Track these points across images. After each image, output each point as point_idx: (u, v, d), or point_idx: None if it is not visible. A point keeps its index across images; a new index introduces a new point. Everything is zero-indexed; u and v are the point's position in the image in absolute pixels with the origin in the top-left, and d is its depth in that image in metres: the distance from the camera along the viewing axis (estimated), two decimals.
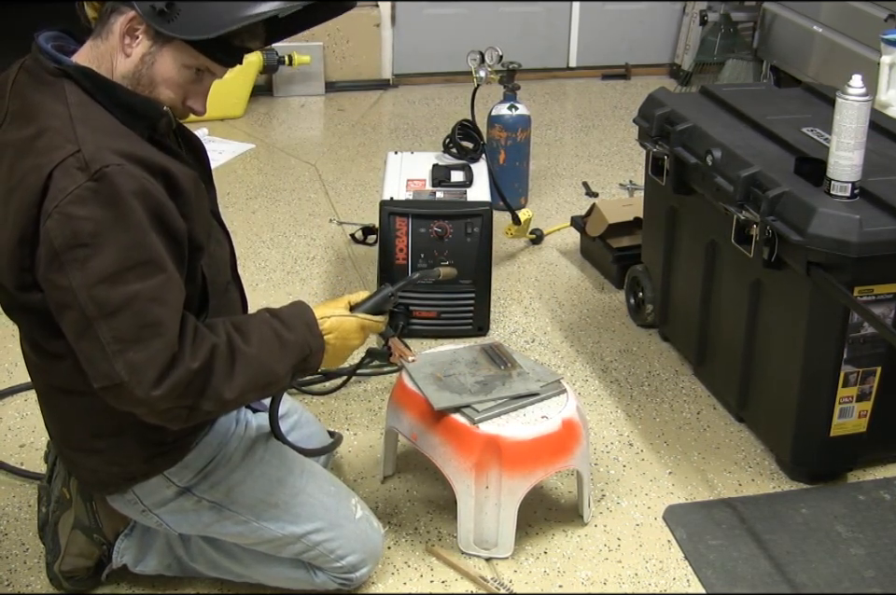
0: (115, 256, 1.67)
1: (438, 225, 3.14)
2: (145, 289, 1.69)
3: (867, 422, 2.61)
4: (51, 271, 1.69)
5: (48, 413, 2.07)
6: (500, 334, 3.32)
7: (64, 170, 1.66)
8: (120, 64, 1.78)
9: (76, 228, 1.65)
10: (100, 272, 1.66)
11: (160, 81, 1.79)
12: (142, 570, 2.25)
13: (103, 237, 1.66)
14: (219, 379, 1.75)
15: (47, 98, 1.75)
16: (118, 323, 1.68)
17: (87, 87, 1.76)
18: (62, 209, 1.65)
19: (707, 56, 5.53)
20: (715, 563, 2.40)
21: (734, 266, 2.76)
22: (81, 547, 2.24)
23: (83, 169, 1.65)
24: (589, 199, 4.25)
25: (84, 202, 1.65)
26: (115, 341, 1.68)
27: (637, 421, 2.92)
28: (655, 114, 3.00)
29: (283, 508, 2.10)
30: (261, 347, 1.82)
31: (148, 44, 1.76)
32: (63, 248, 1.66)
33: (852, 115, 2.36)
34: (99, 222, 1.65)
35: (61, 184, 1.65)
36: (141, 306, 1.68)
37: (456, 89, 5.46)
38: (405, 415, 2.44)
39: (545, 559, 2.42)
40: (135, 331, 1.68)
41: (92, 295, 1.67)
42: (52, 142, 1.69)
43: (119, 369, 1.68)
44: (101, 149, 1.68)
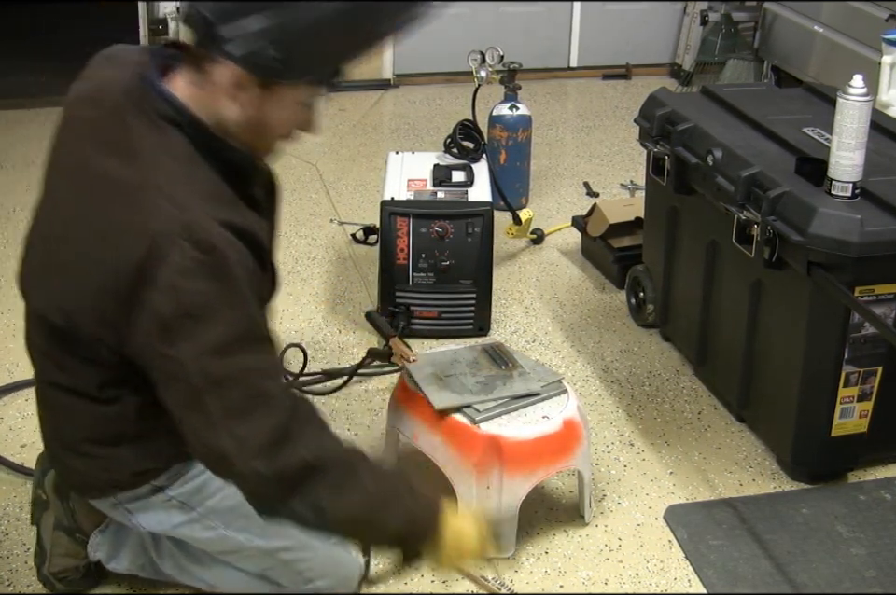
0: (224, 329, 1.63)
1: (439, 225, 3.14)
2: (253, 361, 1.66)
3: (868, 422, 2.61)
4: (158, 341, 1.65)
5: (47, 408, 2.03)
6: (501, 334, 3.32)
7: (171, 239, 1.61)
8: (228, 111, 1.70)
9: (185, 300, 1.62)
10: (209, 344, 1.63)
11: (274, 124, 1.73)
12: (115, 567, 2.23)
13: (212, 309, 1.63)
14: (325, 485, 1.70)
15: (154, 141, 1.69)
16: (227, 394, 1.65)
17: (196, 141, 1.70)
18: (171, 281, 1.61)
19: (708, 56, 5.53)
20: (716, 563, 2.40)
21: (734, 266, 2.76)
22: (66, 548, 2.23)
23: (190, 240, 1.61)
24: (590, 199, 4.24)
25: (193, 275, 1.61)
26: (223, 413, 1.65)
27: (638, 420, 2.92)
28: (656, 114, 3.00)
29: (253, 520, 1.98)
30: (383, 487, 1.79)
31: (259, 91, 1.67)
32: (172, 320, 1.62)
33: (853, 115, 2.36)
34: (208, 295, 1.62)
35: (168, 254, 1.60)
36: (250, 378, 1.66)
37: (457, 89, 5.46)
38: (406, 415, 2.44)
39: (546, 559, 2.42)
40: (244, 402, 1.65)
41: (202, 366, 1.64)
42: (157, 201, 1.64)
43: (225, 441, 1.65)
44: (207, 219, 1.63)
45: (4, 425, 2.83)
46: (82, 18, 6.18)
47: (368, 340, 3.26)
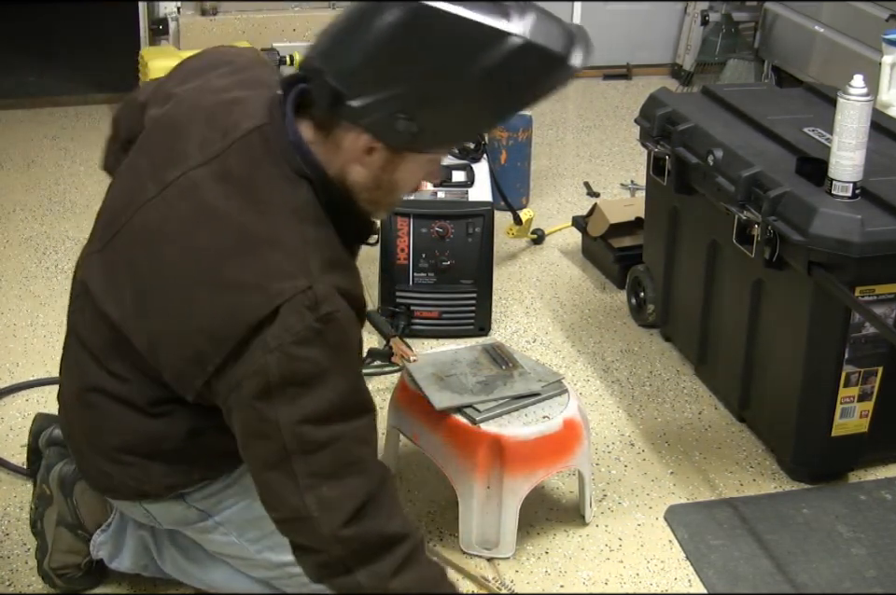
0: (328, 399, 1.63)
1: (439, 225, 3.14)
2: (351, 430, 1.66)
3: (868, 422, 2.61)
4: (257, 400, 1.64)
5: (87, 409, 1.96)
6: (502, 334, 3.32)
7: (293, 307, 1.60)
8: (356, 173, 1.68)
9: (296, 368, 1.62)
10: (311, 412, 1.63)
11: (403, 184, 1.73)
12: (117, 567, 2.23)
13: (321, 379, 1.62)
14: (391, 563, 1.69)
15: (287, 196, 1.67)
16: (317, 460, 1.65)
17: (323, 198, 1.69)
18: (286, 348, 1.60)
19: (709, 56, 5.52)
20: (716, 563, 2.40)
21: (735, 266, 2.76)
22: (69, 544, 2.23)
23: (312, 309, 1.61)
24: (590, 199, 4.24)
25: (309, 344, 1.61)
26: (310, 476, 1.65)
27: (639, 420, 2.92)
28: (657, 114, 3.00)
29: (267, 534, 2.02)
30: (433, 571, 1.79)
31: (389, 155, 1.65)
32: (278, 384, 1.62)
33: (853, 115, 2.36)
34: (320, 364, 1.62)
35: (288, 321, 1.60)
36: (344, 445, 1.66)
37: None
38: (407, 415, 2.44)
39: (546, 558, 2.42)
40: (334, 468, 1.65)
41: (298, 432, 1.63)
42: (284, 266, 1.63)
43: (310, 504, 1.65)
44: (330, 288, 1.63)
45: (4, 425, 2.83)
46: (82, 18, 6.18)
47: (368, 340, 3.25)
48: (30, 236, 3.75)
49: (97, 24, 6.06)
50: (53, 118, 4.97)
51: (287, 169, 1.67)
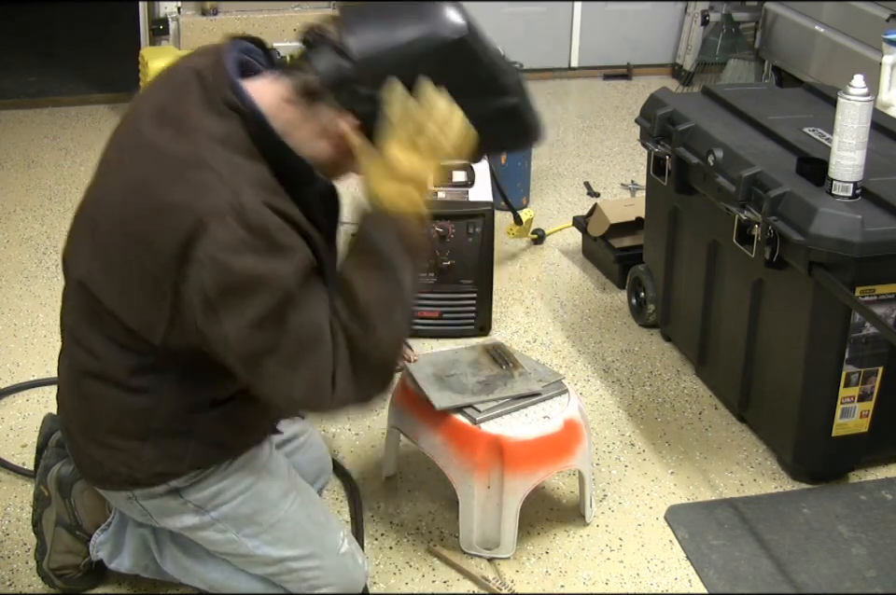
0: (269, 301, 1.65)
1: (439, 225, 3.14)
2: (297, 316, 1.68)
3: (869, 422, 2.61)
4: (205, 319, 1.68)
5: (76, 395, 1.99)
6: (502, 334, 3.32)
7: (221, 218, 1.62)
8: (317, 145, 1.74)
9: (229, 276, 1.63)
10: (255, 316, 1.65)
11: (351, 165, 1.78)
12: (117, 567, 2.23)
13: (256, 285, 1.64)
14: (363, 337, 1.72)
15: (213, 126, 1.69)
16: (281, 352, 1.69)
17: (256, 135, 1.70)
18: (217, 260, 1.63)
19: (709, 56, 5.53)
20: (717, 563, 2.40)
21: (735, 266, 2.76)
22: (67, 544, 2.23)
23: (242, 221, 1.63)
24: (591, 199, 4.25)
25: (238, 252, 1.63)
26: (285, 369, 1.70)
27: (639, 421, 2.92)
28: (657, 114, 3.01)
29: (265, 529, 2.05)
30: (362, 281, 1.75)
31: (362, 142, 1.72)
32: (216, 295, 1.65)
33: (854, 115, 2.36)
34: (253, 271, 1.64)
35: (217, 233, 1.62)
36: (298, 331, 1.69)
37: None
38: (407, 415, 2.44)
39: (547, 559, 2.42)
40: (299, 354, 1.69)
41: (250, 337, 1.67)
42: (210, 181, 1.65)
43: (301, 392, 1.72)
44: (258, 202, 1.65)
45: (4, 425, 2.83)
46: (82, 18, 6.19)
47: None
48: (30, 236, 3.75)
49: (97, 24, 6.07)
50: (53, 118, 4.98)
51: (218, 103, 1.71)
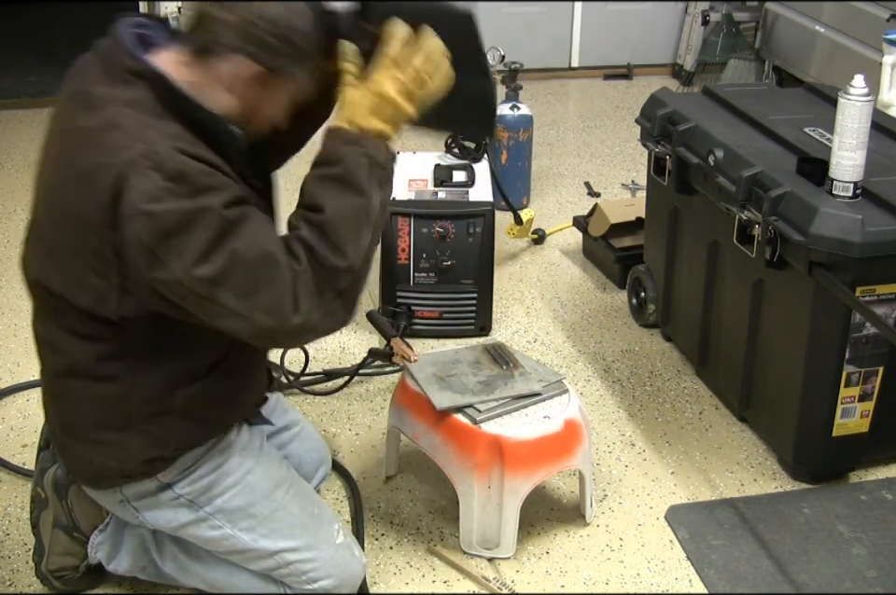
0: (204, 234, 1.65)
1: (440, 225, 3.15)
2: (239, 243, 1.68)
3: (869, 422, 2.61)
4: (152, 270, 1.67)
5: (54, 399, 2.02)
6: (502, 334, 3.32)
7: (138, 171, 1.63)
8: (223, 99, 1.75)
9: (159, 222, 1.64)
10: (195, 254, 1.65)
11: (262, 118, 1.79)
12: (115, 569, 2.24)
13: (187, 223, 1.64)
14: (330, 257, 1.73)
15: (117, 95, 1.71)
16: (232, 284, 1.68)
17: (162, 96, 1.72)
18: (143, 210, 1.63)
19: (710, 56, 5.53)
20: (717, 563, 2.40)
21: (736, 266, 2.76)
22: (65, 546, 2.24)
23: (158, 169, 1.63)
24: (591, 199, 4.25)
25: (161, 200, 1.63)
26: (242, 299, 1.69)
27: (640, 421, 2.92)
28: (657, 114, 3.01)
29: (260, 521, 2.05)
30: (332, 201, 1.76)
31: (258, 88, 1.74)
32: (154, 243, 1.65)
33: (854, 115, 2.36)
34: (180, 212, 1.64)
35: (137, 185, 1.63)
36: (243, 259, 1.68)
37: None
38: (407, 415, 2.44)
39: (547, 559, 2.42)
40: (252, 281, 1.69)
41: (198, 276, 1.66)
42: (121, 140, 1.66)
43: (263, 320, 1.70)
44: (171, 150, 1.66)
45: (5, 425, 2.83)
46: (82, 18, 6.18)
47: (369, 340, 3.26)
48: None
49: (97, 24, 6.05)
50: None
51: (121, 73, 1.73)
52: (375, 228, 1.81)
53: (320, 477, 2.43)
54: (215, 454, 2.02)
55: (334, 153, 1.78)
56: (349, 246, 1.74)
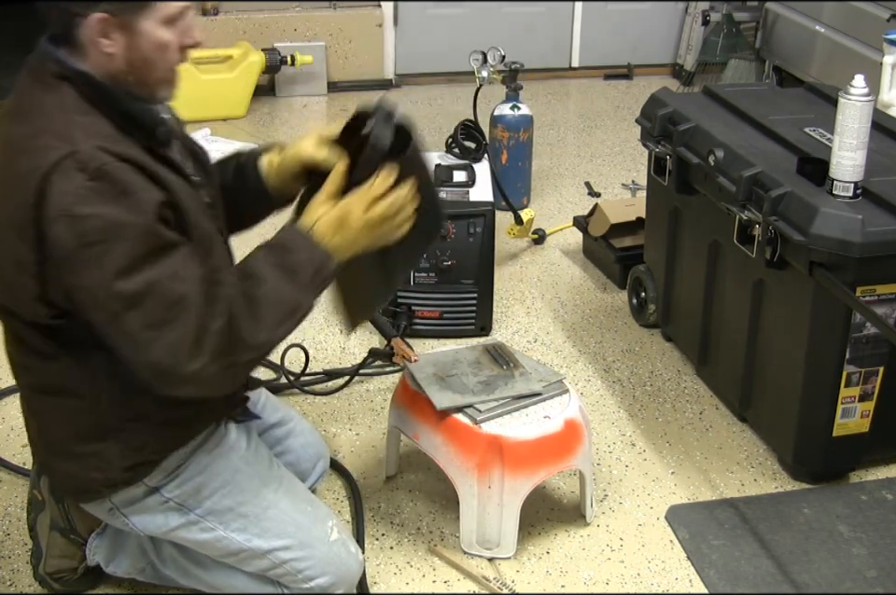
0: (127, 249, 1.66)
1: None
2: (162, 272, 1.68)
3: (870, 422, 2.61)
4: (69, 275, 1.68)
5: (29, 415, 2.04)
6: (503, 334, 3.32)
7: (62, 171, 1.65)
8: (112, 67, 1.75)
9: (83, 227, 1.64)
10: (115, 267, 1.66)
11: (153, 54, 1.76)
12: (114, 571, 2.24)
13: (111, 233, 1.65)
14: (246, 327, 1.74)
15: (46, 100, 1.74)
16: (144, 311, 1.68)
17: (87, 93, 1.74)
18: (66, 211, 1.64)
19: (710, 56, 5.53)
20: (717, 563, 2.40)
21: (736, 266, 2.76)
22: (62, 548, 2.24)
23: (82, 169, 1.64)
24: (591, 199, 4.25)
25: (86, 202, 1.64)
26: (147, 329, 1.68)
27: (640, 421, 2.92)
28: (658, 114, 3.01)
29: (251, 520, 2.04)
30: (272, 282, 1.80)
31: (123, 34, 1.72)
32: (74, 250, 1.65)
33: (854, 115, 2.36)
34: (104, 218, 1.64)
35: (60, 186, 1.64)
36: (162, 288, 1.68)
37: (459, 89, 5.46)
38: (408, 415, 2.44)
39: (548, 559, 2.42)
40: (163, 314, 1.68)
41: (112, 291, 1.66)
42: (48, 142, 1.68)
43: (158, 355, 1.69)
44: (96, 149, 1.67)
45: (5, 425, 2.84)
46: None
47: (369, 340, 3.26)
48: None
49: None
50: None
51: (45, 77, 1.75)
52: (293, 327, 1.84)
53: (319, 472, 2.42)
54: (201, 455, 2.02)
55: (293, 243, 1.84)
56: (266, 328, 1.77)
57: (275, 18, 5.31)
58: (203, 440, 2.03)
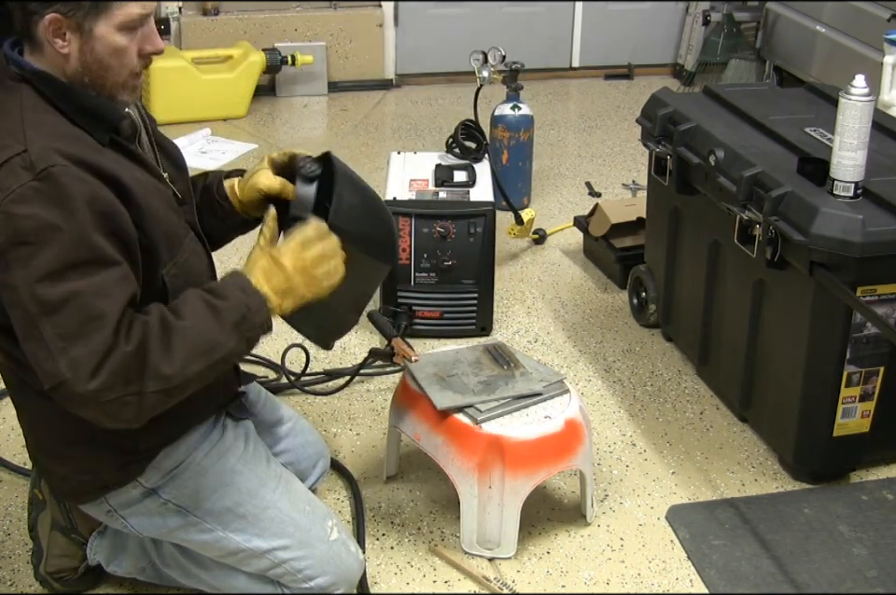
0: (57, 255, 1.64)
1: (441, 225, 3.15)
2: (87, 286, 1.66)
3: (870, 422, 2.61)
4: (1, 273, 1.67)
5: (23, 418, 2.05)
6: (503, 334, 3.32)
7: (9, 169, 1.65)
8: (68, 68, 1.76)
9: (17, 226, 1.64)
10: (41, 271, 1.64)
11: (109, 59, 1.76)
12: (115, 570, 2.24)
13: (44, 236, 1.64)
14: (157, 355, 1.69)
15: (5, 101, 1.75)
16: (60, 320, 1.65)
17: (45, 92, 1.75)
18: (4, 208, 1.64)
19: (710, 56, 5.53)
20: (718, 563, 2.40)
21: (737, 266, 2.76)
22: (63, 548, 2.24)
23: (28, 168, 1.65)
24: (592, 199, 4.25)
25: (26, 201, 1.64)
26: (58, 339, 1.65)
27: (640, 421, 2.92)
28: (658, 114, 3.01)
29: (250, 520, 2.04)
30: (195, 317, 1.76)
31: (77, 36, 1.73)
32: (6, 246, 1.65)
33: (855, 115, 2.36)
34: (41, 220, 1.64)
35: (4, 183, 1.65)
36: (83, 301, 1.66)
37: (459, 89, 5.46)
38: (408, 415, 2.44)
39: (548, 559, 2.42)
40: (78, 327, 1.66)
41: (34, 294, 1.65)
42: (4, 144, 1.68)
43: (62, 367, 1.65)
44: (48, 150, 1.67)
45: (6, 425, 2.84)
46: None
47: (370, 340, 3.26)
48: None
49: None
50: None
51: (6, 81, 1.76)
52: (209, 369, 1.77)
53: (319, 471, 2.43)
54: (198, 456, 2.02)
55: (228, 286, 1.82)
56: (178, 361, 1.71)
57: (276, 18, 5.31)
58: (199, 440, 2.03)
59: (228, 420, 2.13)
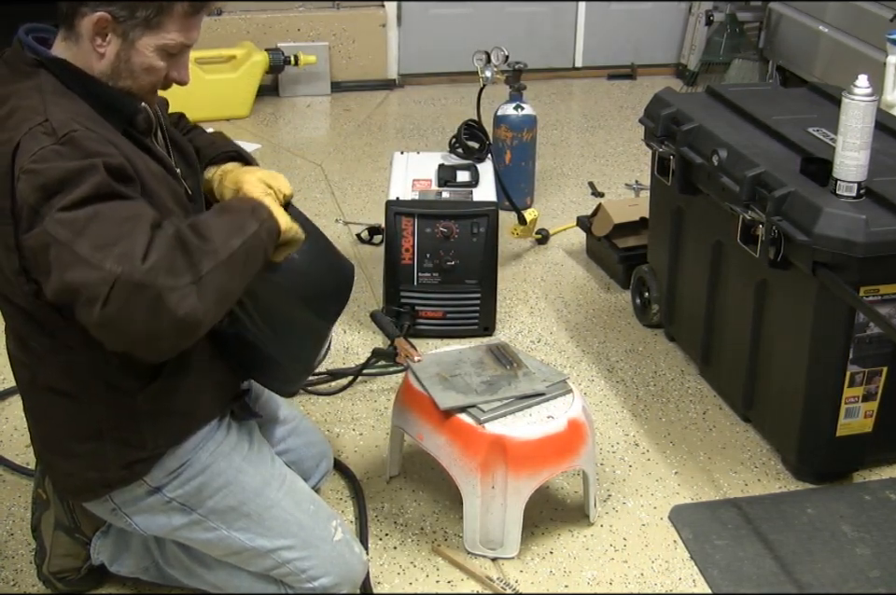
0: (84, 191, 1.63)
1: (444, 225, 3.15)
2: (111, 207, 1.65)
3: (873, 422, 2.61)
4: (33, 226, 1.65)
5: (29, 414, 2.05)
6: (506, 334, 3.32)
7: (32, 135, 1.67)
8: (97, 65, 1.78)
9: (46, 179, 1.63)
10: (67, 202, 1.62)
11: (140, 72, 1.80)
12: (118, 570, 2.24)
13: (71, 181, 1.63)
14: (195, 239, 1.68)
15: (22, 86, 1.76)
16: (94, 232, 1.61)
17: (63, 78, 1.77)
18: (28, 167, 1.64)
19: (713, 56, 5.53)
20: (721, 563, 2.40)
21: (739, 266, 2.76)
22: (66, 548, 2.24)
23: (50, 134, 1.67)
24: (595, 199, 4.25)
25: (48, 160, 1.65)
26: (97, 249, 1.61)
27: (643, 421, 2.92)
28: (661, 114, 3.01)
29: (254, 520, 2.04)
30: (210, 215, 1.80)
31: (119, 41, 1.76)
32: (40, 201, 1.63)
33: (858, 115, 2.36)
34: (65, 169, 1.64)
35: (27, 147, 1.66)
36: (111, 214, 1.64)
37: (462, 89, 5.46)
38: (411, 415, 2.44)
39: (551, 559, 2.42)
40: (116, 229, 1.62)
41: (61, 221, 1.62)
42: (24, 116, 1.70)
43: (111, 265, 1.59)
44: (67, 119, 1.69)
45: (9, 426, 2.84)
46: None
47: (373, 340, 3.26)
48: None
49: None
50: None
51: (21, 66, 1.79)
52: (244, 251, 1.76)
53: (322, 471, 2.43)
54: (203, 455, 2.02)
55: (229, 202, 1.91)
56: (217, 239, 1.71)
57: (279, 18, 5.31)
58: (204, 440, 2.03)
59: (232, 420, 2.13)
